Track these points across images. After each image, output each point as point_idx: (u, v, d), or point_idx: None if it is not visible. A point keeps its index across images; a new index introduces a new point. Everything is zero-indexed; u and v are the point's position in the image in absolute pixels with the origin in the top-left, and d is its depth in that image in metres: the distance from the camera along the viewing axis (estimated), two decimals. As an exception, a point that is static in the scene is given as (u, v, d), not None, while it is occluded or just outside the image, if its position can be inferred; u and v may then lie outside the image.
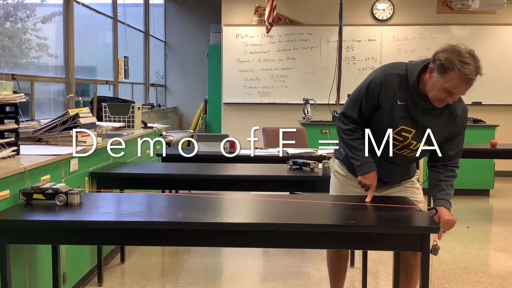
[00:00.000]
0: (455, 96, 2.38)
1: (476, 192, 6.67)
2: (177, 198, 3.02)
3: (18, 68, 4.64)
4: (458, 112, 2.53)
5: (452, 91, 2.35)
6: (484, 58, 6.76)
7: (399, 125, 2.50)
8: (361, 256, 3.62)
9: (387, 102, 2.49)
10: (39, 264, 2.78)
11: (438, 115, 2.50)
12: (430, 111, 2.48)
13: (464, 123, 2.58)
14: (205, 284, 3.65)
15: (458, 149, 2.61)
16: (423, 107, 2.47)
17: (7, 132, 2.90)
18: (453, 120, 2.52)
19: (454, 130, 2.55)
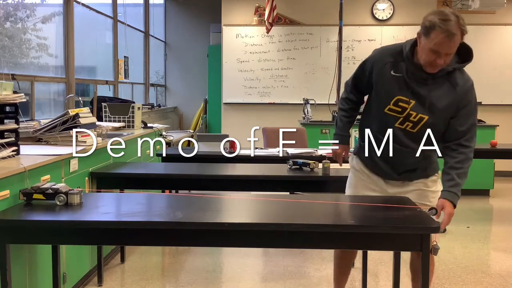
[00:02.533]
0: (443, 56, 2.38)
1: (476, 192, 6.67)
2: (177, 198, 3.02)
3: (18, 68, 4.64)
4: (459, 82, 2.52)
5: (438, 49, 2.36)
6: (484, 58, 6.86)
7: (395, 95, 2.51)
8: (361, 256, 3.62)
9: (381, 75, 2.54)
10: (39, 264, 2.78)
11: (438, 86, 2.49)
12: (426, 80, 2.48)
13: (469, 96, 2.54)
14: (205, 284, 3.65)
15: (469, 124, 2.54)
16: (420, 77, 2.48)
17: (7, 132, 2.90)
18: (453, 90, 2.50)
19: (457, 102, 2.50)
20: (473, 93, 2.58)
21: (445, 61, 2.41)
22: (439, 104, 2.49)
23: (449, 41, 2.35)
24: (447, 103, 2.50)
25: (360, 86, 2.71)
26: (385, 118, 2.57)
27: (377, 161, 2.66)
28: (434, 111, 2.50)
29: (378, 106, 2.59)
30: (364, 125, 2.72)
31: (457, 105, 2.51)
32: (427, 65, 2.43)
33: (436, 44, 2.35)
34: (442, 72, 2.47)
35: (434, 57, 2.38)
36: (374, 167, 2.70)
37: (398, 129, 2.56)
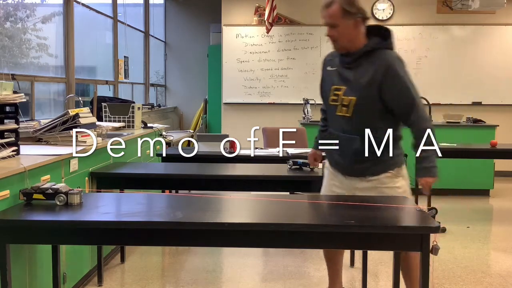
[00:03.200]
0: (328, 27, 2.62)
1: (476, 192, 6.67)
2: (177, 198, 3.02)
3: (18, 68, 4.64)
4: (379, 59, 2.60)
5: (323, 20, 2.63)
6: (484, 58, 6.86)
7: (332, 85, 2.73)
8: (361, 256, 3.62)
9: (324, 74, 2.85)
10: (39, 264, 2.78)
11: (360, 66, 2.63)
12: (350, 64, 2.66)
13: (391, 72, 2.58)
14: (205, 284, 3.65)
15: (403, 103, 2.62)
16: (345, 63, 2.68)
17: (7, 132, 2.90)
18: (372, 66, 2.59)
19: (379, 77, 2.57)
20: (397, 68, 2.60)
21: (334, 34, 2.61)
22: (361, 82, 2.61)
23: (324, 9, 2.60)
24: (368, 79, 2.59)
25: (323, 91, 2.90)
26: (330, 110, 2.79)
27: (333, 154, 2.82)
28: (359, 90, 2.61)
29: (325, 101, 2.85)
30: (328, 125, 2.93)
31: (380, 81, 2.58)
32: (332, 43, 2.68)
33: (321, 16, 2.64)
34: (360, 54, 2.62)
35: (327, 31, 2.64)
36: (333, 162, 2.87)
37: (339, 117, 2.71)
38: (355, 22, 2.58)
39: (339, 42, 2.63)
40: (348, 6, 2.55)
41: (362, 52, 2.61)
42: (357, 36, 2.61)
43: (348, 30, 2.58)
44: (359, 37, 2.62)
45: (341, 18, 2.56)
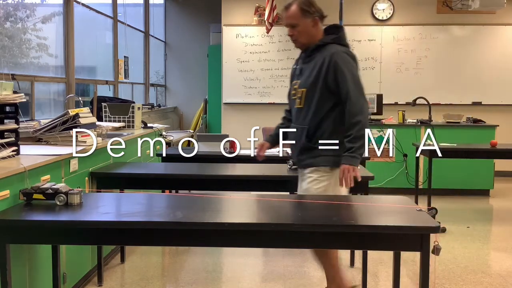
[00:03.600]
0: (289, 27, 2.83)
1: (476, 192, 6.67)
2: (177, 198, 3.02)
3: (18, 68, 4.64)
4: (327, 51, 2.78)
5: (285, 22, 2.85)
6: (484, 58, 6.88)
7: (292, 81, 2.97)
8: (361, 256, 3.62)
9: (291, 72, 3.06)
10: (39, 264, 2.78)
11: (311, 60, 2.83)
12: (305, 59, 2.88)
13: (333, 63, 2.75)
14: (205, 284, 3.65)
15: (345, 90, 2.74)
16: (303, 58, 2.92)
17: (7, 132, 2.90)
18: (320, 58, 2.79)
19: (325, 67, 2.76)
20: (340, 61, 2.76)
21: (294, 33, 2.82)
22: (310, 74, 2.81)
23: (285, 11, 2.83)
24: (315, 71, 2.79)
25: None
26: (292, 105, 2.98)
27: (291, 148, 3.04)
28: (308, 81, 2.81)
29: (290, 97, 3.02)
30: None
31: (324, 73, 2.76)
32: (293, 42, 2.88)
33: (283, 19, 2.87)
34: (312, 48, 2.83)
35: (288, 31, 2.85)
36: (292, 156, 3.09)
37: (296, 109, 2.93)
38: (313, 21, 2.82)
39: (299, 41, 2.84)
40: (306, 6, 2.78)
41: (314, 46, 2.82)
42: (315, 34, 2.84)
43: (307, 28, 2.81)
44: (317, 34, 2.85)
45: (301, 18, 2.79)
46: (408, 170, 6.60)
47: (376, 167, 6.22)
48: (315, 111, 2.80)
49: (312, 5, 2.82)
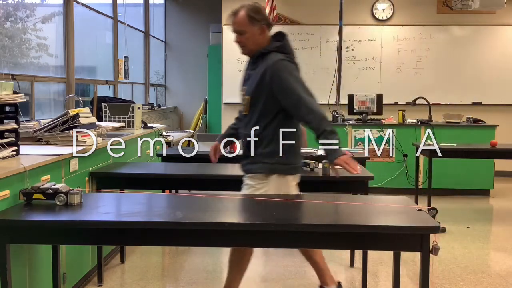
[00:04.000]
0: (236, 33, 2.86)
1: (476, 192, 6.67)
2: (177, 198, 3.02)
3: (18, 68, 4.64)
4: (269, 60, 2.78)
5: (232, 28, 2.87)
6: (484, 58, 6.86)
7: (241, 87, 2.95)
8: (361, 256, 3.62)
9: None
10: (39, 264, 2.78)
11: (256, 68, 2.83)
12: (251, 66, 2.88)
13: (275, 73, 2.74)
14: (205, 284, 3.64)
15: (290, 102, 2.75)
16: (250, 65, 2.91)
17: (7, 132, 2.90)
18: (263, 66, 2.77)
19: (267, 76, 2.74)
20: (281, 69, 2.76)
21: (242, 40, 2.83)
22: (254, 81, 2.80)
23: (232, 17, 2.83)
24: (258, 79, 2.78)
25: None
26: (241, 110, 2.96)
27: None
28: (252, 89, 2.81)
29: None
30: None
31: (267, 81, 2.75)
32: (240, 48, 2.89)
33: (230, 24, 2.87)
34: (257, 55, 2.83)
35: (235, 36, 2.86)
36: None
37: (242, 115, 2.93)
38: (260, 29, 2.80)
39: (246, 47, 2.84)
40: (254, 14, 2.77)
41: (258, 54, 2.82)
42: (262, 42, 2.82)
43: (254, 36, 2.80)
44: (264, 42, 2.83)
45: (248, 25, 2.78)
46: (408, 170, 6.60)
47: (376, 167, 6.22)
48: (257, 119, 2.82)
49: (260, 12, 2.81)
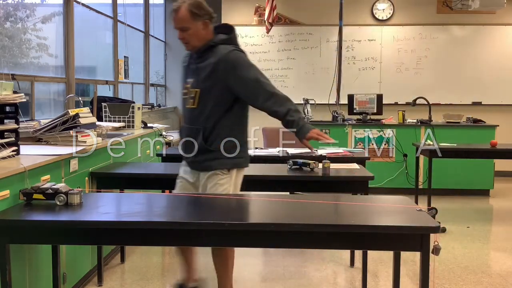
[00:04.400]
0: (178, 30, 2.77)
1: (476, 192, 6.68)
2: (177, 198, 3.01)
3: (18, 68, 4.63)
4: (220, 52, 2.78)
5: (174, 25, 2.78)
6: (484, 58, 6.85)
7: (183, 80, 2.92)
8: (361, 256, 3.62)
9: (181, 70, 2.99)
10: (39, 264, 2.78)
11: (204, 60, 2.80)
12: (197, 59, 2.84)
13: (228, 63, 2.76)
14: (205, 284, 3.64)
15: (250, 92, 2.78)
16: (195, 58, 2.87)
17: (7, 132, 2.90)
18: (214, 59, 2.78)
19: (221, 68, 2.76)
20: (234, 59, 2.78)
21: (185, 36, 2.77)
22: (204, 74, 2.79)
23: (174, 15, 2.76)
24: (209, 71, 2.78)
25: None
26: (183, 104, 2.93)
27: (182, 149, 2.94)
28: (202, 82, 2.80)
29: (180, 96, 2.96)
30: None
31: (220, 73, 2.76)
32: (183, 44, 2.83)
33: (172, 22, 2.79)
34: (204, 48, 2.80)
35: (178, 34, 2.79)
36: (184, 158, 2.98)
37: (188, 109, 2.88)
38: (203, 24, 2.77)
39: (190, 44, 2.80)
40: (196, 9, 2.73)
41: (206, 46, 2.80)
42: (206, 36, 2.80)
43: (198, 31, 2.77)
44: (208, 36, 2.81)
45: (191, 21, 2.73)
46: (408, 170, 6.60)
47: (376, 167, 6.23)
48: (210, 112, 2.80)
49: (202, 7, 2.77)
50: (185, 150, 2.93)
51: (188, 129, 2.89)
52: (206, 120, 2.81)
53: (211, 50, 2.80)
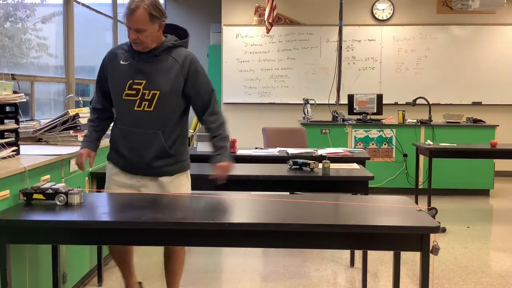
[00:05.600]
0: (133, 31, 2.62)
1: (476, 192, 6.68)
2: (177, 198, 3.01)
3: (18, 68, 4.64)
4: (181, 56, 2.75)
5: (128, 25, 2.64)
6: (484, 58, 6.85)
7: (128, 80, 2.70)
8: (361, 256, 3.62)
9: (112, 67, 2.76)
10: (39, 264, 2.78)
11: (162, 62, 2.71)
12: (151, 59, 2.70)
13: (193, 67, 2.75)
14: (205, 284, 3.64)
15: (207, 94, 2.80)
16: (145, 58, 2.71)
17: (7, 132, 2.90)
18: (176, 62, 2.72)
19: (183, 73, 2.72)
20: (197, 64, 2.79)
21: (140, 37, 2.64)
22: (165, 77, 2.70)
23: (130, 15, 2.61)
24: (173, 75, 2.71)
25: (105, 87, 2.82)
26: (125, 106, 2.73)
27: (126, 156, 2.77)
28: (163, 84, 2.69)
29: (117, 96, 2.75)
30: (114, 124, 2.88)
31: (183, 76, 2.72)
32: (131, 42, 2.69)
33: (125, 18, 2.65)
34: (162, 49, 2.71)
35: (129, 33, 2.65)
36: (121, 161, 2.81)
37: (138, 112, 2.71)
38: (160, 25, 2.69)
39: (143, 44, 2.67)
40: (155, 11, 2.63)
41: (164, 47, 2.72)
42: (159, 36, 2.73)
43: (154, 33, 2.67)
44: (161, 36, 2.74)
45: (149, 23, 2.62)
46: (408, 170, 6.60)
47: (376, 167, 6.22)
48: (169, 115, 2.75)
49: (160, 8, 2.67)
50: (134, 156, 2.76)
51: (140, 134, 2.73)
52: (165, 123, 2.74)
53: (169, 52, 2.73)
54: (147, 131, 2.73)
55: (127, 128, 2.76)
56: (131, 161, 2.77)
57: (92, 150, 2.85)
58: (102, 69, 2.81)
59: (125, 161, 2.79)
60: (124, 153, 2.78)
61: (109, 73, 2.77)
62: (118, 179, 2.82)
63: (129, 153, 2.77)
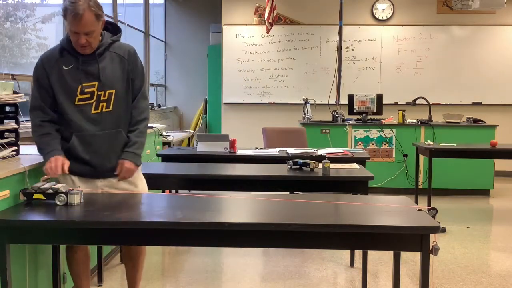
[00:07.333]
0: (83, 35, 2.53)
1: (476, 192, 6.68)
2: (177, 198, 3.01)
3: (18, 68, 4.63)
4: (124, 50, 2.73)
5: (75, 30, 2.52)
6: (484, 58, 6.87)
7: (77, 85, 2.62)
8: (361, 256, 3.62)
9: (54, 74, 2.64)
10: (39, 264, 2.78)
11: (107, 60, 2.66)
12: (94, 59, 2.63)
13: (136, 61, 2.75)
14: (205, 284, 3.65)
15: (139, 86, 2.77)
16: (88, 59, 2.63)
17: (7, 132, 2.90)
18: (122, 58, 2.71)
19: (129, 68, 2.71)
20: (138, 57, 2.80)
21: (89, 40, 2.56)
22: (116, 74, 2.67)
23: (79, 20, 2.49)
24: (121, 70, 2.69)
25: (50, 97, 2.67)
26: (80, 112, 2.64)
27: (90, 161, 2.70)
28: (116, 82, 2.67)
29: (67, 103, 2.64)
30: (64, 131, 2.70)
31: (128, 71, 2.72)
32: (76, 47, 2.59)
33: (71, 25, 2.52)
34: (104, 46, 2.65)
35: (76, 37, 2.54)
36: (78, 167, 2.70)
37: (96, 115, 2.66)
38: (102, 22, 2.63)
39: (92, 46, 2.60)
40: (98, 10, 2.56)
41: (106, 45, 2.66)
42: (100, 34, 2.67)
43: (99, 32, 2.62)
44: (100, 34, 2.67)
45: (96, 23, 2.56)
46: (408, 170, 6.61)
47: (376, 167, 6.23)
48: (126, 112, 2.74)
49: (99, 5, 2.58)
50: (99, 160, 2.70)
51: (103, 136, 2.67)
52: (125, 121, 2.74)
53: (111, 48, 2.69)
54: (110, 131, 2.70)
55: (86, 133, 2.66)
56: (95, 165, 2.72)
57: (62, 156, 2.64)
58: (43, 78, 2.66)
59: (89, 167, 2.72)
60: (87, 159, 2.69)
61: (53, 81, 2.64)
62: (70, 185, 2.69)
63: (93, 158, 2.70)
